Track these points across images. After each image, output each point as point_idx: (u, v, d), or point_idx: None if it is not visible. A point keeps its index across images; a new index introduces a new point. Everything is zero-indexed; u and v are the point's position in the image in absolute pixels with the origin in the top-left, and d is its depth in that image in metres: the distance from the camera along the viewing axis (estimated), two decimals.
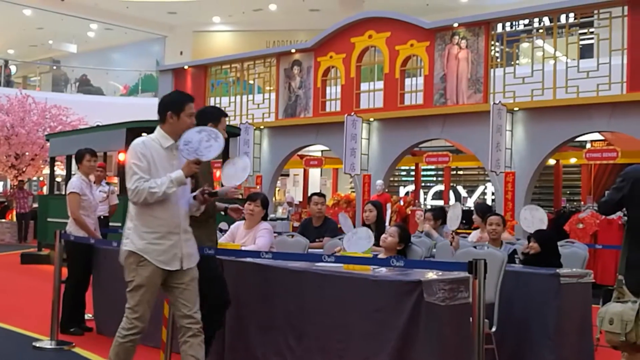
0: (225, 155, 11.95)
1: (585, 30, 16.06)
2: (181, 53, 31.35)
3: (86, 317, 7.90)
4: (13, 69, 33.05)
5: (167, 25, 32.60)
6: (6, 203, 23.95)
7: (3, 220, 22.71)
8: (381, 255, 6.36)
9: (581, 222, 13.09)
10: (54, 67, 35.62)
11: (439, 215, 9.49)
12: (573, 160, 17.88)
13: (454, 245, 7.09)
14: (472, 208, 11.61)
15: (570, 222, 13.29)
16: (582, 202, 16.19)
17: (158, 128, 4.80)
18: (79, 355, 6.69)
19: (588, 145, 17.25)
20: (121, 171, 13.62)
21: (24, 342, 7.15)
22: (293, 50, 17.92)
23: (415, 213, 14.42)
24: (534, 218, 6.89)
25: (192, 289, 4.85)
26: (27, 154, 23.19)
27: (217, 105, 16.80)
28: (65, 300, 7.46)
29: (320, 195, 8.71)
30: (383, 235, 6.59)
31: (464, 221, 14.77)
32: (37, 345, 6.92)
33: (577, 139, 14.87)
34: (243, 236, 6.98)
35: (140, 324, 4.79)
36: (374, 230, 8.14)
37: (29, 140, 22.78)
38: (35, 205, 19.86)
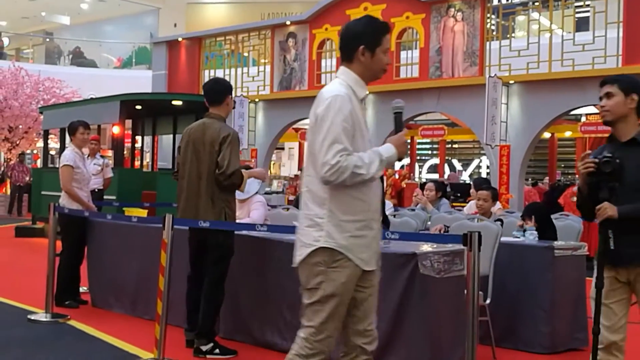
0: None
1: (582, 3, 16.00)
2: (175, 25, 31.20)
3: (81, 290, 7.91)
4: (5, 41, 32.93)
5: None
6: (1, 176, 23.92)
7: None
8: None
9: (575, 195, 13.12)
10: (47, 40, 35.44)
11: (440, 187, 9.44)
12: (568, 134, 17.92)
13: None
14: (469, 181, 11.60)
15: (565, 195, 13.33)
16: (577, 176, 16.23)
17: (345, 70, 3.54)
18: (74, 327, 6.69)
19: (583, 119, 17.24)
20: (115, 144, 13.58)
21: (19, 314, 7.16)
22: (288, 23, 17.81)
23: (414, 190, 14.45)
24: None
25: (374, 297, 3.64)
26: (20, 126, 23.16)
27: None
28: (59, 273, 7.44)
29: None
30: None
31: (459, 194, 14.84)
32: (32, 318, 6.92)
33: (573, 113, 14.86)
34: (237, 209, 6.97)
35: (325, 349, 3.49)
36: None
37: (22, 113, 22.73)
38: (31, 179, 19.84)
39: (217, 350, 5.59)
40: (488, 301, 5.73)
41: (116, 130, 12.95)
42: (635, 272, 3.86)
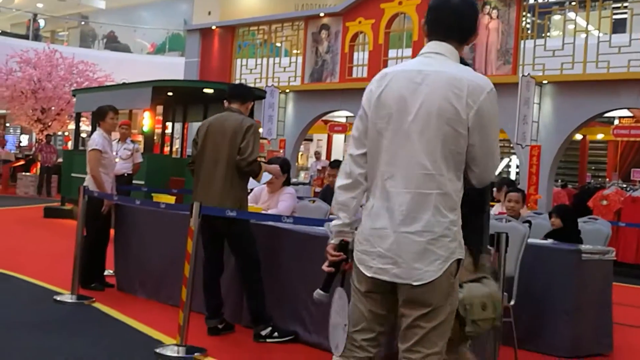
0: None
1: (619, 5, 15.79)
2: (209, 13, 31.24)
3: (107, 273, 7.97)
4: (41, 23, 33.16)
5: None
6: (31, 157, 24.18)
7: (28, 173, 22.92)
8: None
9: (605, 199, 13.00)
10: (82, 23, 35.68)
11: None
12: (600, 136, 17.75)
13: None
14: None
15: (594, 198, 13.20)
16: (607, 179, 16.08)
17: (455, 53, 3.01)
18: (98, 310, 6.76)
19: (616, 122, 17.05)
20: (146, 131, 13.63)
21: (45, 295, 7.24)
22: (322, 14, 17.77)
23: None
24: None
25: None
26: (53, 108, 23.40)
27: (244, 81, 16.86)
28: (83, 255, 7.49)
29: (335, 166, 8.71)
30: None
31: None
32: (58, 298, 7.00)
33: (605, 115, 14.70)
34: (266, 199, 7.01)
35: None
36: None
37: (55, 95, 22.96)
38: (60, 160, 20.01)
39: (275, 334, 5.73)
40: (512, 302, 5.69)
41: (147, 121, 12.98)
42: None
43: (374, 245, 2.90)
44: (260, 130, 17.62)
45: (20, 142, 32.41)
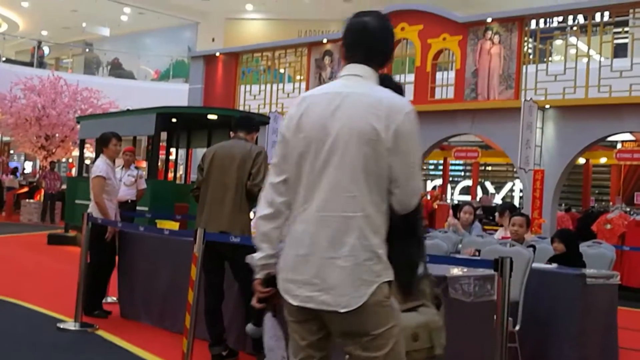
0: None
1: (620, 30, 15.87)
2: (213, 40, 31.41)
3: (110, 300, 7.95)
4: (46, 50, 33.36)
5: (200, 12, 32.64)
6: (35, 183, 24.21)
7: (32, 200, 22.94)
8: None
9: (609, 222, 12.97)
10: (87, 50, 35.87)
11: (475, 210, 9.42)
12: (603, 160, 17.75)
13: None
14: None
15: (598, 222, 13.18)
16: (611, 203, 16.06)
17: (375, 76, 2.98)
18: (102, 338, 6.74)
19: (619, 146, 17.07)
20: (149, 156, 13.67)
21: (48, 322, 7.22)
22: (325, 41, 17.86)
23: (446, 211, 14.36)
24: None
25: None
26: (57, 135, 23.45)
27: (249, 111, 16.91)
28: (87, 282, 7.47)
29: None
30: None
31: (491, 217, 14.75)
32: (61, 326, 6.98)
33: (608, 139, 14.71)
34: None
35: None
36: None
37: (60, 121, 23.02)
38: (64, 187, 20.02)
39: None
40: (517, 327, 5.68)
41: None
42: None
43: (299, 273, 2.78)
44: None
45: (24, 169, 32.48)
